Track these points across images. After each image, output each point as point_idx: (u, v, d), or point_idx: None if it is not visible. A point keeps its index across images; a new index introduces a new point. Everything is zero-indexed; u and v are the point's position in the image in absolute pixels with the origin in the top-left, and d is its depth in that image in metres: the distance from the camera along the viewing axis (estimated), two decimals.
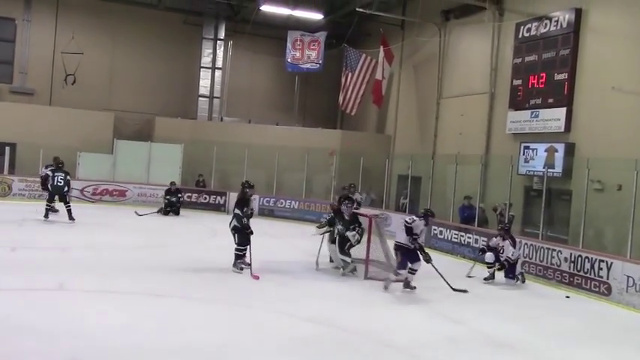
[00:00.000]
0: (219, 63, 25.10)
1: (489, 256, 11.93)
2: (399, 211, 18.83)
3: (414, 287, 10.51)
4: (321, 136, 23.03)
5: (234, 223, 11.01)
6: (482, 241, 14.04)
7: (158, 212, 19.14)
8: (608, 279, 10.93)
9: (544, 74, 15.60)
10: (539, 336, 8.36)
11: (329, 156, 20.38)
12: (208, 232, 16.47)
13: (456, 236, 15.20)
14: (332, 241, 11.74)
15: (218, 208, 21.35)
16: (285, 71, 24.68)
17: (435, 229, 15.91)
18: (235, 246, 11.05)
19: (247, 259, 10.95)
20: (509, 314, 9.55)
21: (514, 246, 11.88)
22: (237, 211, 11.02)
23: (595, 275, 11.20)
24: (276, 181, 21.42)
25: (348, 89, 22.99)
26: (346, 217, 11.56)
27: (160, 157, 22.07)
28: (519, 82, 16.42)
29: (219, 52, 25.06)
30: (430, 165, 17.74)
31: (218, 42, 25.03)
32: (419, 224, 10.62)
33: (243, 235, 10.95)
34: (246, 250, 10.95)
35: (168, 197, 19.61)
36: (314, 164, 21.02)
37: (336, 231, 11.61)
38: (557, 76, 15.22)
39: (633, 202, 11.04)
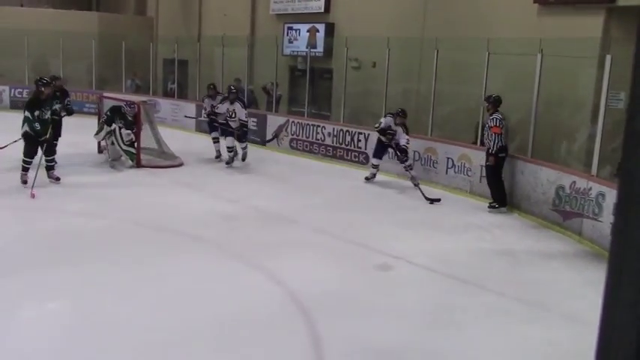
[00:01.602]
0: None
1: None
2: (167, 96, 18.38)
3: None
4: (76, 18, 21.09)
5: (25, 128, 9.07)
6: (252, 121, 14.41)
7: None
8: (366, 149, 11.98)
9: None
10: (307, 206, 9.02)
11: None
12: None
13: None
14: (112, 142, 11.01)
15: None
16: None
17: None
18: (22, 156, 9.18)
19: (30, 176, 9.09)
20: (278, 190, 10.06)
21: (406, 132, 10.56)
22: (27, 113, 9.04)
23: (355, 147, 12.21)
24: (29, 69, 19.42)
25: None
26: (129, 118, 10.94)
27: None
28: None
29: None
30: (196, 48, 17.38)
31: None
32: (389, 121, 10.51)
33: (32, 143, 9.15)
34: (32, 162, 9.16)
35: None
36: (70, 50, 19.33)
37: (116, 129, 10.91)
38: None
39: (386, 79, 11.99)
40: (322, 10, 15.45)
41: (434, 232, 8.05)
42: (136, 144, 11.03)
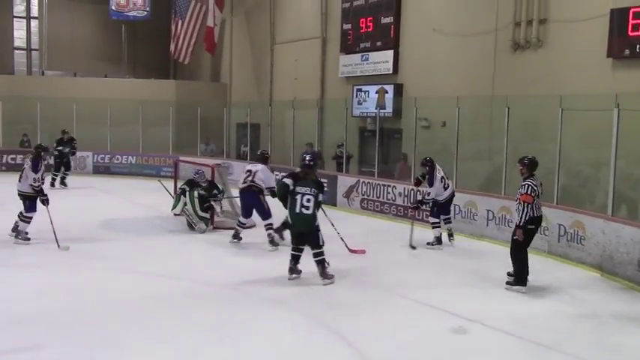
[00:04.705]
0: (34, 12, 23.10)
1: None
2: (239, 159, 18.89)
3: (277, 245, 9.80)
4: (155, 87, 22.25)
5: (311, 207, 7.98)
6: (323, 181, 14.53)
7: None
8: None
9: (371, 18, 16.16)
10: (379, 266, 8.93)
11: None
12: None
13: None
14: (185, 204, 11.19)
15: (48, 168, 20.05)
16: (111, 20, 23.35)
17: (277, 175, 16.16)
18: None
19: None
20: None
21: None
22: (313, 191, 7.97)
23: (428, 207, 12.03)
24: (110, 136, 20.45)
25: (179, 37, 22.27)
26: (203, 184, 11.16)
27: None
28: (349, 26, 16.87)
29: (34, 0, 23.04)
30: (268, 111, 17.88)
31: None
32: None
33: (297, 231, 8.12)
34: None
35: (59, 148, 16.39)
36: (149, 117, 20.30)
37: (195, 194, 11.12)
38: (384, 20, 15.83)
39: (456, 137, 11.91)
40: (391, 72, 15.68)
41: (510, 293, 7.78)
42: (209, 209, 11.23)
